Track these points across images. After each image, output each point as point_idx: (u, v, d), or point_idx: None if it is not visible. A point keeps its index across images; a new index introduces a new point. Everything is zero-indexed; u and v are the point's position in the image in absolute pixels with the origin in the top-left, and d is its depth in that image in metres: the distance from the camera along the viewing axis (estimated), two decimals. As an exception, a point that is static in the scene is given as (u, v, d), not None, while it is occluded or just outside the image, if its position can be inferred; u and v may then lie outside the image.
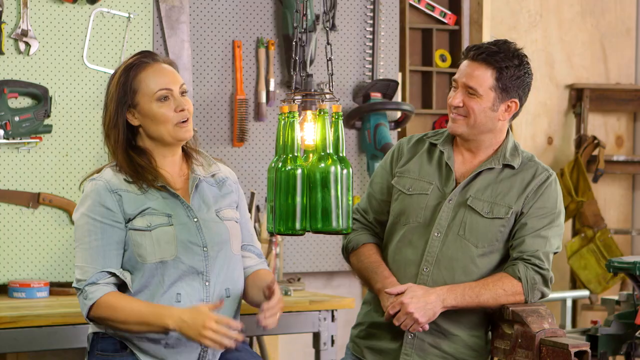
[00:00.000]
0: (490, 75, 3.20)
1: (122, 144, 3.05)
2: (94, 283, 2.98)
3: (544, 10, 5.80)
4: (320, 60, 4.83)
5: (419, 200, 3.28)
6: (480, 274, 3.23)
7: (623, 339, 3.93)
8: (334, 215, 2.70)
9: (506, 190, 3.25)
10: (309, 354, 4.58)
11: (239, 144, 4.75)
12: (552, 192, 3.26)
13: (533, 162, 3.31)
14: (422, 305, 3.13)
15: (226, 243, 3.08)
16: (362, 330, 3.38)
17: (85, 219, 3.02)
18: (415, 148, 3.37)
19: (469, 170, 3.29)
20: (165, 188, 3.05)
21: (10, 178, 4.27)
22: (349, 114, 4.92)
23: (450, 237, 3.23)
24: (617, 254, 5.64)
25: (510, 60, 3.21)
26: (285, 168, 2.71)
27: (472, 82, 3.20)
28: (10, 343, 3.73)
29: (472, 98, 3.21)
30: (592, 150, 5.79)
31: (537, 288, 3.21)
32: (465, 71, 3.22)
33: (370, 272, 3.29)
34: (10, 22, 4.25)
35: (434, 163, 3.32)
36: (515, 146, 3.32)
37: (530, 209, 3.23)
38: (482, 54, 3.20)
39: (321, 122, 2.73)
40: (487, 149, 3.30)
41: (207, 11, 4.70)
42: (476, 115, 3.22)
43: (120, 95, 3.04)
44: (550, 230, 3.24)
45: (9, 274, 4.26)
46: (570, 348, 3.01)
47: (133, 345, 3.02)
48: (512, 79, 3.21)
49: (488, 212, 3.23)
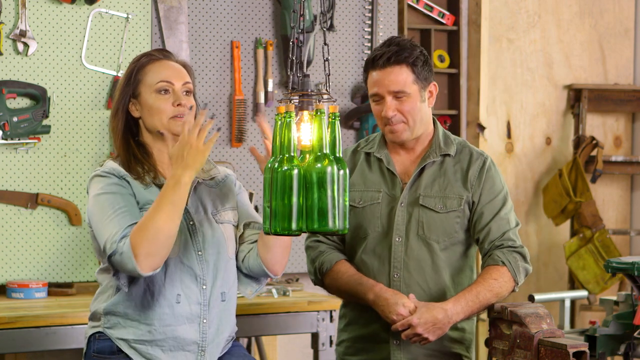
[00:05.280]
0: (407, 72, 3.24)
1: (121, 132, 3.05)
2: (125, 236, 2.86)
3: (542, 11, 5.80)
4: (319, 60, 4.84)
5: (373, 210, 3.31)
6: (448, 268, 3.28)
7: (621, 339, 3.92)
8: (330, 216, 2.70)
9: (452, 181, 3.30)
10: (307, 355, 4.58)
11: (237, 144, 4.75)
12: (494, 175, 3.32)
13: (467, 147, 3.36)
14: (431, 327, 3.15)
15: (222, 247, 3.07)
16: (348, 347, 3.38)
17: (102, 196, 2.94)
18: (353, 160, 3.40)
19: (410, 168, 3.33)
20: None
21: (9, 178, 4.27)
22: (347, 114, 4.92)
23: (412, 239, 3.26)
24: (616, 255, 5.63)
25: (415, 50, 3.26)
26: (282, 168, 2.71)
27: (397, 86, 3.23)
28: (8, 343, 3.74)
29: (403, 100, 3.24)
30: (591, 150, 5.79)
31: (520, 266, 3.26)
32: (383, 80, 3.24)
33: (353, 285, 3.28)
34: (9, 23, 4.25)
35: (375, 170, 3.35)
36: (446, 134, 3.37)
37: (481, 196, 3.28)
38: (390, 58, 3.23)
39: (318, 123, 2.73)
40: (422, 143, 3.34)
41: (205, 12, 4.71)
42: (413, 115, 3.26)
43: (125, 84, 3.06)
44: (506, 211, 3.30)
45: (7, 274, 4.27)
46: (568, 348, 3.01)
47: (129, 348, 3.01)
48: (424, 67, 3.27)
49: (442, 207, 3.27)
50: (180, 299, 3.00)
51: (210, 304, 3.03)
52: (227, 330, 3.11)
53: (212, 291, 3.04)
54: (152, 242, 2.83)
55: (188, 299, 3.01)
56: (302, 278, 4.87)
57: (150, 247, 2.83)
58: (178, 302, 3.00)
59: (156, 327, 3.00)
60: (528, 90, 5.77)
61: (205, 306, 3.02)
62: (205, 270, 3.03)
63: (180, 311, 3.00)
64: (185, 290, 3.01)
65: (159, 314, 2.99)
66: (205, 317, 3.03)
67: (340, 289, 3.33)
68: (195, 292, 3.02)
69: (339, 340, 3.42)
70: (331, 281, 3.35)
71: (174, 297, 3.00)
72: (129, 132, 3.07)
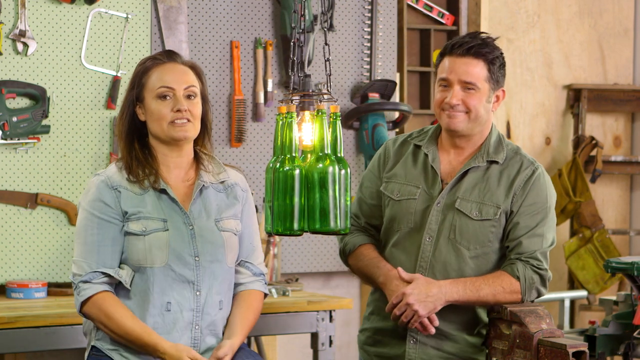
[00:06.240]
0: (483, 67, 3.20)
1: (126, 136, 3.07)
2: (87, 281, 2.98)
3: (542, 11, 5.80)
4: (319, 60, 4.83)
5: (408, 206, 3.27)
6: (476, 276, 3.22)
7: (621, 339, 3.93)
8: (331, 216, 2.70)
9: (494, 188, 3.23)
10: (307, 355, 4.58)
11: (237, 144, 4.75)
12: (540, 186, 3.24)
13: (518, 155, 3.29)
14: (422, 298, 3.13)
15: (220, 254, 3.06)
16: (368, 337, 3.37)
17: (84, 214, 3.04)
18: (400, 151, 3.36)
19: (455, 169, 3.28)
20: (165, 191, 3.04)
21: (8, 178, 4.27)
22: (347, 114, 4.92)
23: (442, 241, 3.22)
24: (615, 255, 5.64)
25: (496, 51, 3.23)
26: (283, 168, 2.71)
27: (470, 77, 3.19)
28: (8, 343, 3.74)
29: (471, 94, 3.20)
30: (590, 150, 5.79)
31: (535, 287, 3.21)
32: (458, 68, 3.20)
33: (371, 267, 3.29)
34: (8, 23, 4.25)
35: (419, 166, 3.31)
36: (500, 139, 3.31)
37: (521, 207, 3.22)
38: (471, 49, 3.19)
39: (319, 123, 2.73)
40: (474, 144, 3.28)
41: (205, 12, 4.70)
42: (477, 110, 3.21)
43: (131, 88, 3.08)
44: (544, 227, 3.23)
45: (6, 274, 4.26)
46: (568, 348, 3.01)
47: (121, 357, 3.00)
48: (500, 69, 3.24)
49: (477, 214, 3.21)
50: (170, 306, 2.99)
51: (205, 311, 3.02)
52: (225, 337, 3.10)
53: (207, 298, 3.03)
54: (100, 326, 3.01)
55: (180, 306, 3.00)
56: (302, 278, 4.87)
57: (96, 323, 3.02)
58: (168, 310, 2.99)
59: None
60: (527, 90, 5.78)
61: (198, 312, 3.01)
62: (200, 277, 3.02)
63: (171, 319, 3.00)
64: (177, 297, 3.00)
65: (151, 323, 2.99)
66: (197, 324, 3.02)
67: (361, 270, 3.34)
68: (189, 298, 3.01)
69: (362, 328, 3.41)
70: (353, 262, 3.36)
71: (164, 305, 2.99)
72: (135, 135, 3.07)
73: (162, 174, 3.06)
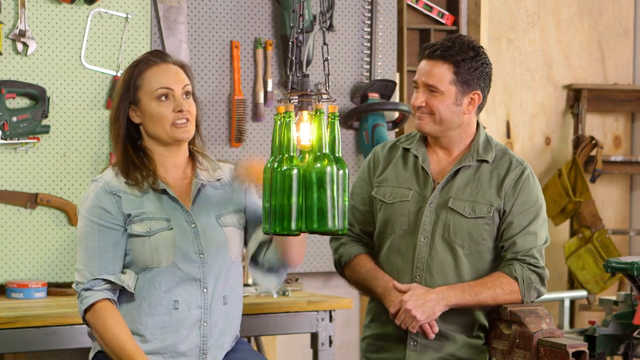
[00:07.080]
0: (448, 70, 3.20)
1: (122, 139, 3.06)
2: (88, 289, 2.98)
3: (541, 11, 5.80)
4: (319, 60, 4.83)
5: (401, 208, 3.28)
6: (472, 274, 3.23)
7: (621, 339, 3.93)
8: (329, 216, 2.70)
9: (486, 187, 3.25)
10: (307, 355, 4.58)
11: (236, 144, 4.75)
12: (531, 186, 3.26)
13: (507, 155, 3.30)
14: (420, 303, 3.14)
15: (224, 250, 3.06)
16: (370, 344, 3.38)
17: (83, 221, 3.03)
18: (389, 155, 3.37)
19: (445, 169, 3.29)
20: (165, 192, 3.05)
21: (8, 178, 4.27)
22: (346, 114, 4.92)
23: (437, 241, 3.23)
24: (615, 255, 5.64)
25: (465, 53, 3.21)
26: (281, 168, 2.71)
27: (432, 80, 3.21)
28: (7, 344, 3.74)
29: (434, 96, 3.22)
30: (590, 150, 5.79)
31: (534, 287, 3.22)
32: (423, 70, 3.23)
33: (369, 279, 3.29)
34: (8, 23, 4.25)
35: (409, 168, 3.32)
36: (488, 139, 3.32)
37: (513, 206, 3.23)
38: (436, 51, 3.20)
39: (317, 123, 2.73)
40: (460, 145, 3.29)
41: (204, 12, 4.70)
42: (441, 112, 3.22)
43: (124, 90, 3.06)
44: (537, 225, 3.25)
45: (6, 274, 4.26)
46: (568, 348, 3.01)
47: None
48: (470, 71, 3.22)
49: (470, 212, 3.23)
50: (178, 305, 3.00)
51: (212, 307, 3.03)
52: (230, 333, 3.11)
53: (213, 294, 3.04)
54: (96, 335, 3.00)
55: (187, 304, 3.01)
56: (302, 278, 4.87)
57: (94, 331, 3.01)
58: (176, 308, 3.00)
59: (156, 335, 3.00)
60: (527, 90, 5.77)
61: (206, 309, 3.02)
62: (206, 274, 3.03)
63: (179, 317, 3.00)
64: (184, 295, 3.00)
65: (159, 323, 2.99)
66: (206, 321, 3.02)
67: (358, 282, 3.34)
68: (196, 296, 3.02)
69: (363, 336, 3.41)
70: (350, 273, 3.36)
71: (171, 304, 3.00)
72: (129, 138, 3.07)
73: (160, 174, 3.07)
